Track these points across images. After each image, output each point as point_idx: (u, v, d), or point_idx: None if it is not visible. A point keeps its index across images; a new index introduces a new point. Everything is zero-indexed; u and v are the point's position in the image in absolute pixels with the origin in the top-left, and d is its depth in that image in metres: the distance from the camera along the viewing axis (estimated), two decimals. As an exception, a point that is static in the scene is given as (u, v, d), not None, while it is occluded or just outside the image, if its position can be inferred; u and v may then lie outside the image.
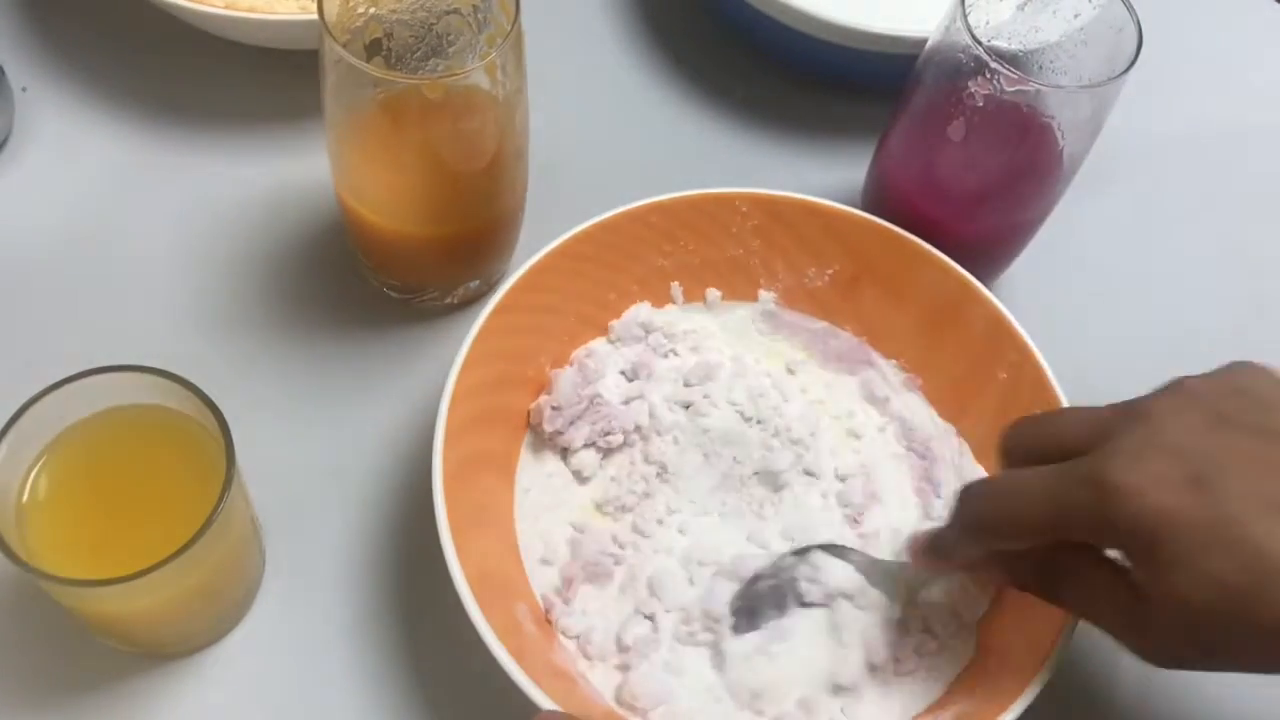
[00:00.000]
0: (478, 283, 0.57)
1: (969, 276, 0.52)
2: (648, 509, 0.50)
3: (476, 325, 0.49)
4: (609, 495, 0.50)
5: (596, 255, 0.52)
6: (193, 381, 0.43)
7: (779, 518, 0.50)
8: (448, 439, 0.46)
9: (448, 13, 0.50)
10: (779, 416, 0.51)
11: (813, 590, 0.47)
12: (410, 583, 0.50)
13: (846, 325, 0.55)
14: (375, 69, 0.46)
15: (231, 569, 0.46)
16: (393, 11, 0.49)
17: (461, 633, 0.43)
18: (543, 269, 0.50)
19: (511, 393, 0.51)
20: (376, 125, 0.49)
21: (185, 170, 0.60)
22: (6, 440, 0.41)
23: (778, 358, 0.55)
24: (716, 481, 0.51)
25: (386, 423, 0.54)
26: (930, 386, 0.54)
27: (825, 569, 0.47)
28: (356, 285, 0.57)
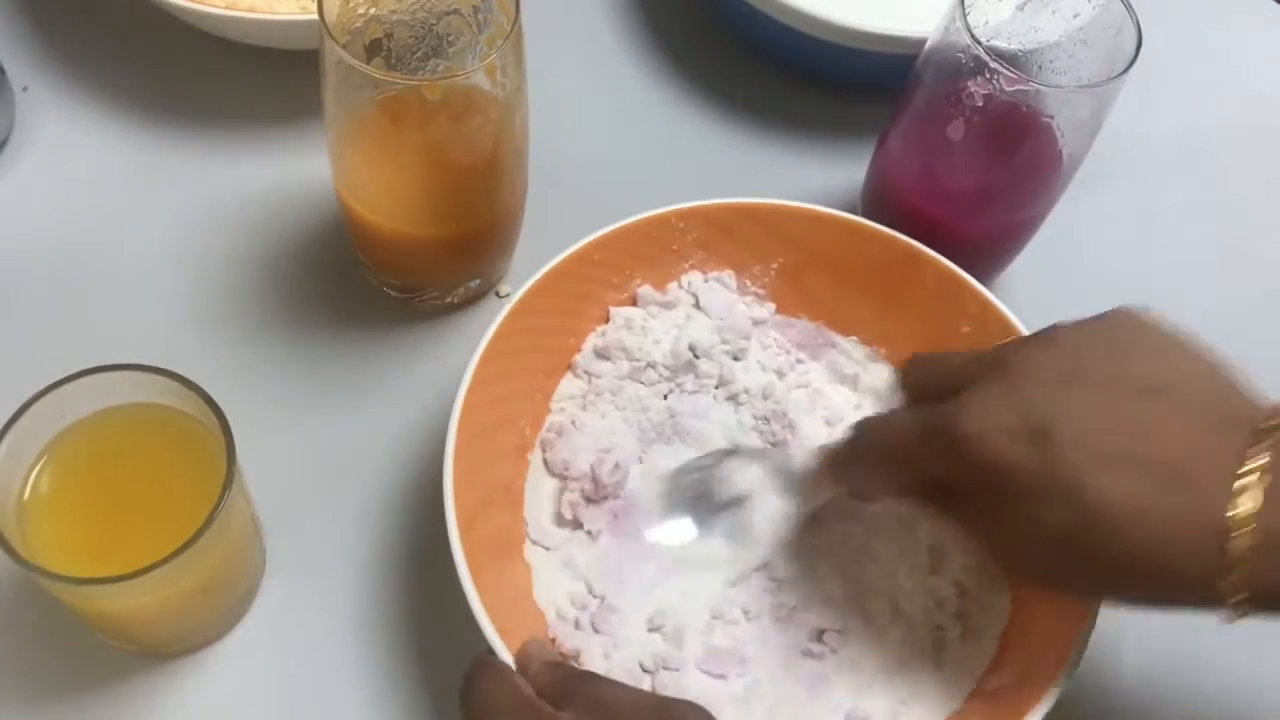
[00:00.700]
0: (478, 282, 0.57)
1: (911, 241, 0.52)
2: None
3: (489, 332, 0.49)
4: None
5: (550, 307, 0.51)
6: (193, 381, 0.43)
7: None
8: (460, 434, 0.46)
9: (448, 13, 0.50)
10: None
11: (722, 491, 0.49)
12: (411, 582, 0.50)
13: (801, 313, 0.55)
14: (375, 70, 0.46)
15: (231, 568, 0.46)
16: (393, 12, 0.49)
17: (463, 632, 0.43)
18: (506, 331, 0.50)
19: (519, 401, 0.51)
20: (377, 125, 0.49)
21: (185, 170, 0.61)
22: (7, 440, 0.41)
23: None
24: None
25: (387, 422, 0.54)
26: (895, 353, 0.54)
27: (739, 471, 0.49)
28: (356, 285, 0.57)
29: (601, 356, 0.53)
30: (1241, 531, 0.35)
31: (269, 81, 0.63)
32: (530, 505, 0.50)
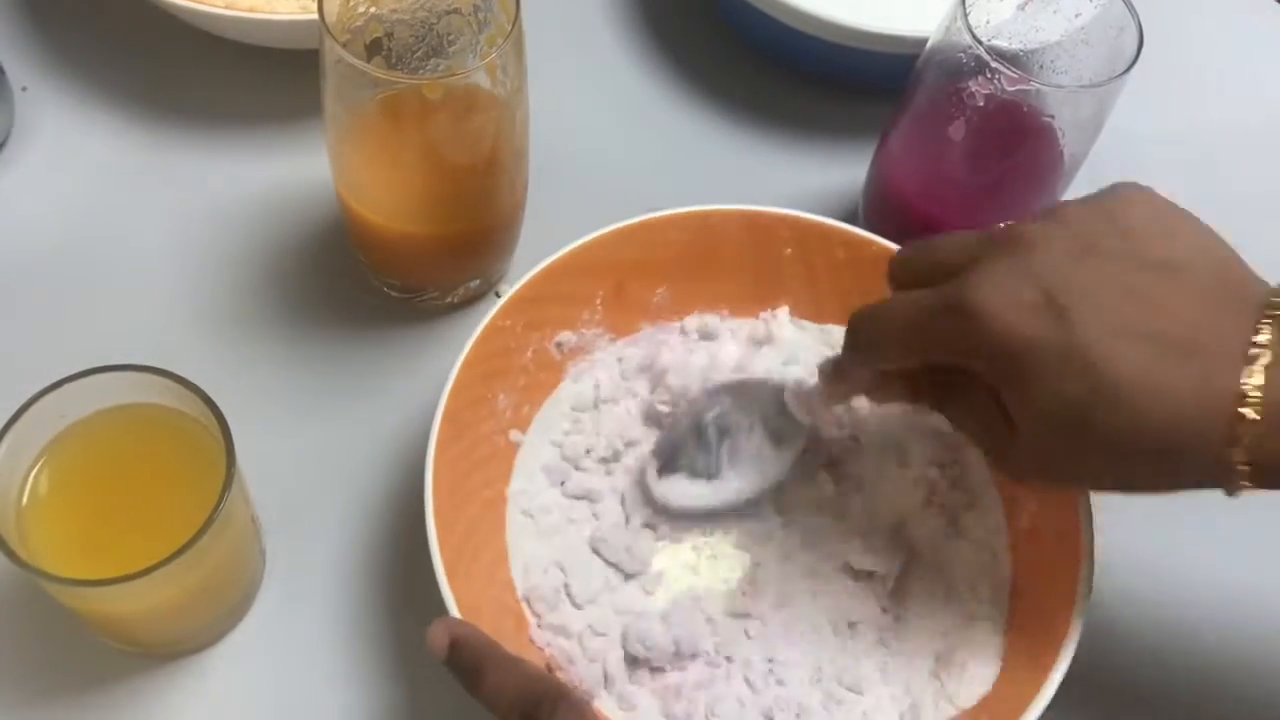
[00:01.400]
0: (478, 282, 0.57)
1: (748, 208, 0.52)
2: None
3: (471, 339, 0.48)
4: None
5: (541, 303, 0.51)
6: (193, 381, 0.43)
7: None
8: (439, 448, 0.46)
9: (448, 12, 0.50)
10: None
11: (714, 427, 0.49)
12: (410, 582, 0.50)
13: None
14: (376, 69, 0.46)
15: (231, 569, 0.46)
16: (393, 11, 0.49)
17: (462, 632, 0.42)
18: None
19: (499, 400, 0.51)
20: (377, 125, 0.49)
21: (185, 170, 0.60)
22: (6, 440, 0.41)
23: None
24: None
25: (387, 422, 0.54)
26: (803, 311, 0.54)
27: (731, 405, 0.49)
28: (356, 285, 0.57)
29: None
30: (1249, 403, 0.35)
31: (269, 81, 0.63)
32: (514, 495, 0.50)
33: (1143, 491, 0.39)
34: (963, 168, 0.53)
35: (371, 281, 0.57)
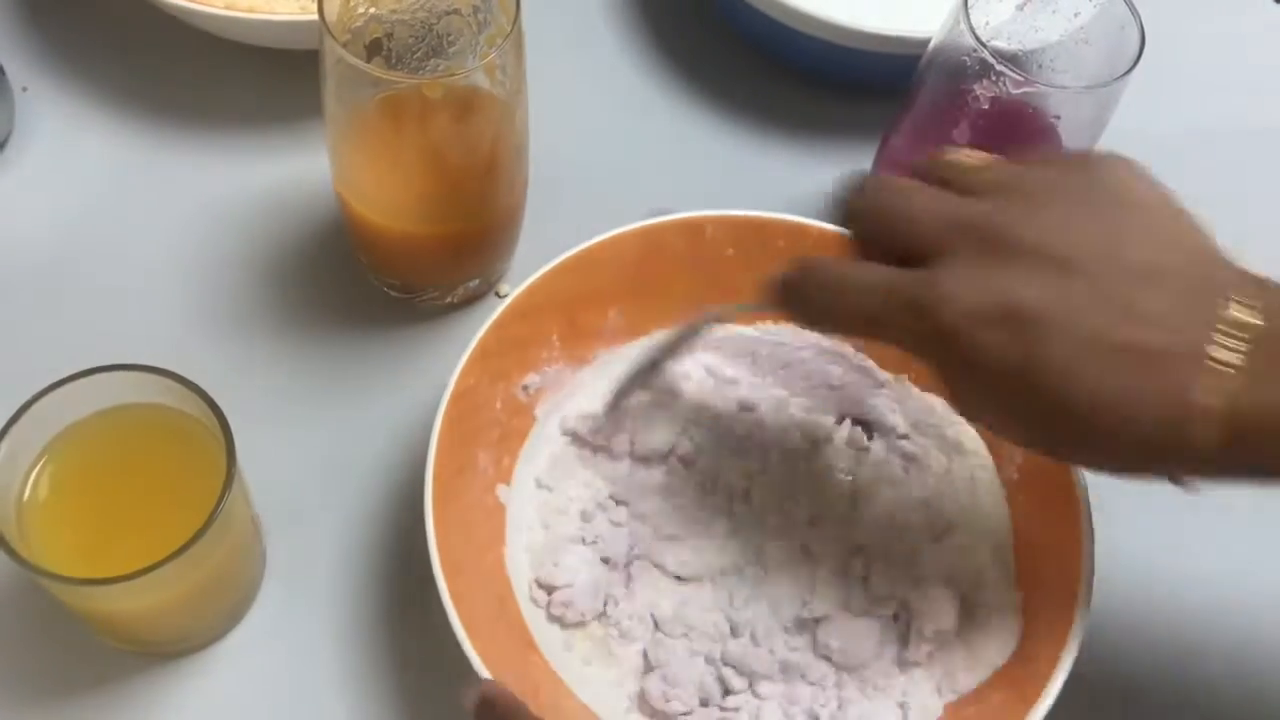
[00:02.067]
0: (478, 282, 0.57)
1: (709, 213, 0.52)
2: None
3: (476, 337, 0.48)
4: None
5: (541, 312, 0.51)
6: (193, 381, 0.43)
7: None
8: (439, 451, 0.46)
9: (448, 13, 0.50)
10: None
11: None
12: (410, 582, 0.50)
13: None
14: (376, 69, 0.46)
15: (231, 569, 0.46)
16: (393, 11, 0.49)
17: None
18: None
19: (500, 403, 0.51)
20: (376, 125, 0.49)
21: (185, 170, 0.60)
22: (7, 440, 0.41)
23: None
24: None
25: (387, 422, 0.54)
26: None
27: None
28: (356, 285, 0.57)
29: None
30: (1206, 417, 0.35)
31: (269, 81, 0.63)
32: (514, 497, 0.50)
33: (1119, 477, 0.39)
34: (964, 168, 0.53)
35: (371, 281, 0.57)
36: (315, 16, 0.46)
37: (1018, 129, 0.50)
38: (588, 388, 0.53)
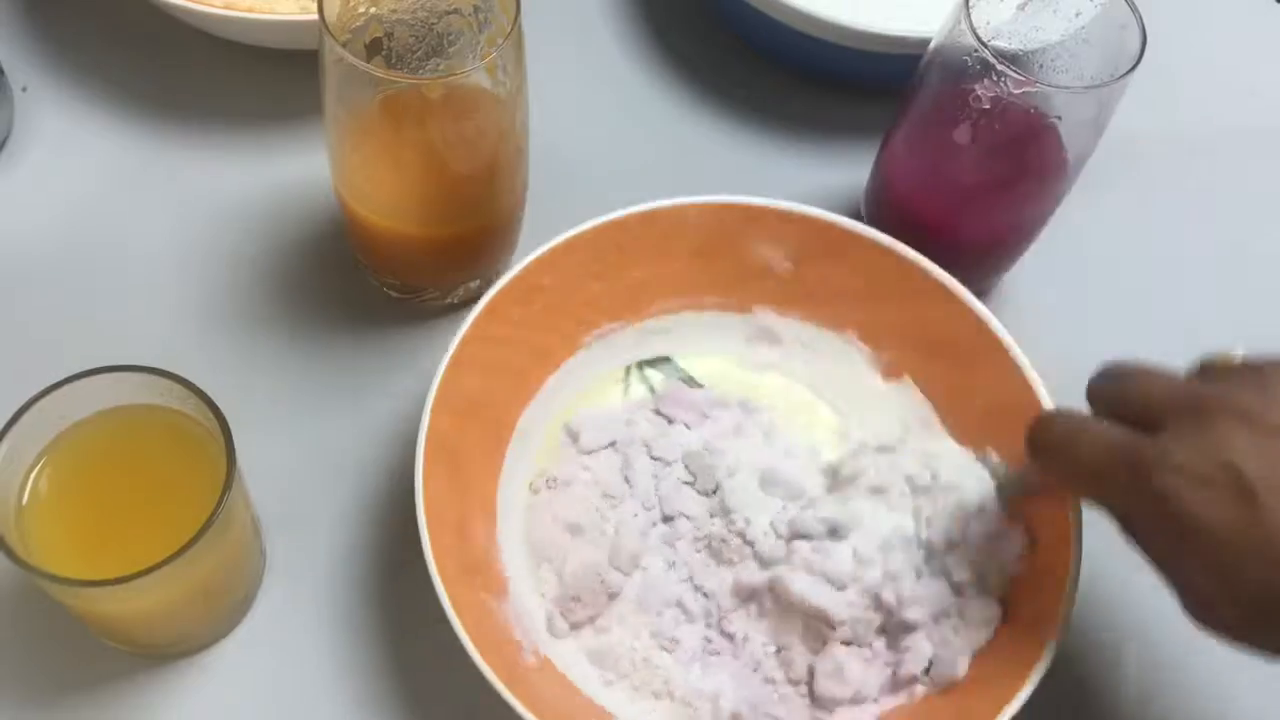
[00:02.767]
0: (478, 283, 0.57)
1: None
2: None
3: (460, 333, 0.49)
4: None
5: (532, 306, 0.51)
6: (193, 381, 0.43)
7: None
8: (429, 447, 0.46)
9: (448, 12, 0.50)
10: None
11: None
12: (410, 582, 0.50)
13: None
14: (376, 69, 0.46)
15: (231, 569, 0.46)
16: (393, 11, 0.49)
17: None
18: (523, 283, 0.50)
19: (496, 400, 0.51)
20: (376, 125, 0.49)
21: (185, 170, 0.60)
22: (6, 440, 0.41)
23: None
24: None
25: (387, 422, 0.54)
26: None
27: None
28: (356, 285, 0.57)
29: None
30: None
31: (269, 81, 0.63)
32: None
33: None
34: (968, 170, 0.53)
35: (371, 281, 0.57)
36: (315, 16, 0.46)
37: (1018, 129, 0.50)
38: (580, 381, 0.53)
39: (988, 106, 0.49)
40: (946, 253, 0.52)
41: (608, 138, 0.64)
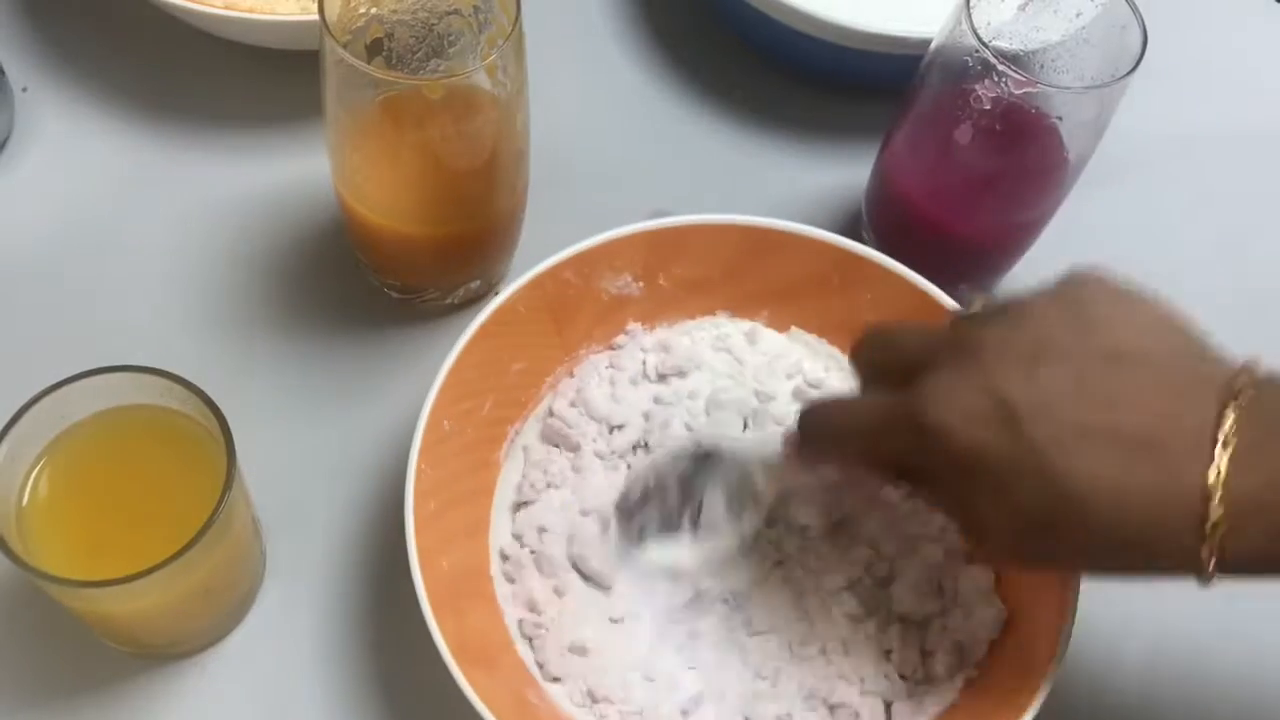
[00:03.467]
0: (478, 283, 0.57)
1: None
2: None
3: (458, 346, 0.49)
4: None
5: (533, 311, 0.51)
6: (193, 381, 0.43)
7: None
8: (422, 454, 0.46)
9: (448, 13, 0.50)
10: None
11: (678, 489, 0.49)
12: (410, 583, 0.50)
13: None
14: (376, 70, 0.46)
15: (231, 569, 0.46)
16: (394, 12, 0.49)
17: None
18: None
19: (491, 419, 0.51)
20: (377, 125, 0.49)
21: (185, 170, 0.60)
22: (6, 441, 0.41)
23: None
24: None
25: (387, 423, 0.54)
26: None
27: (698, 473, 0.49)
28: (356, 285, 0.57)
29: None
30: (1214, 498, 0.34)
31: (269, 81, 0.63)
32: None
33: (1122, 579, 0.39)
34: (969, 170, 0.53)
35: (371, 281, 0.57)
36: (315, 17, 0.46)
37: (1019, 129, 0.50)
38: (577, 389, 0.53)
39: (988, 107, 0.49)
40: (947, 253, 0.52)
41: (608, 138, 0.64)
